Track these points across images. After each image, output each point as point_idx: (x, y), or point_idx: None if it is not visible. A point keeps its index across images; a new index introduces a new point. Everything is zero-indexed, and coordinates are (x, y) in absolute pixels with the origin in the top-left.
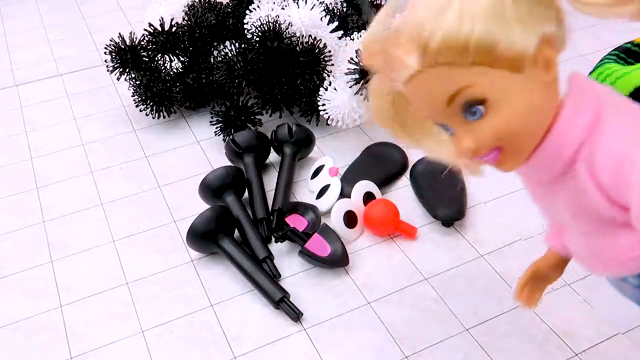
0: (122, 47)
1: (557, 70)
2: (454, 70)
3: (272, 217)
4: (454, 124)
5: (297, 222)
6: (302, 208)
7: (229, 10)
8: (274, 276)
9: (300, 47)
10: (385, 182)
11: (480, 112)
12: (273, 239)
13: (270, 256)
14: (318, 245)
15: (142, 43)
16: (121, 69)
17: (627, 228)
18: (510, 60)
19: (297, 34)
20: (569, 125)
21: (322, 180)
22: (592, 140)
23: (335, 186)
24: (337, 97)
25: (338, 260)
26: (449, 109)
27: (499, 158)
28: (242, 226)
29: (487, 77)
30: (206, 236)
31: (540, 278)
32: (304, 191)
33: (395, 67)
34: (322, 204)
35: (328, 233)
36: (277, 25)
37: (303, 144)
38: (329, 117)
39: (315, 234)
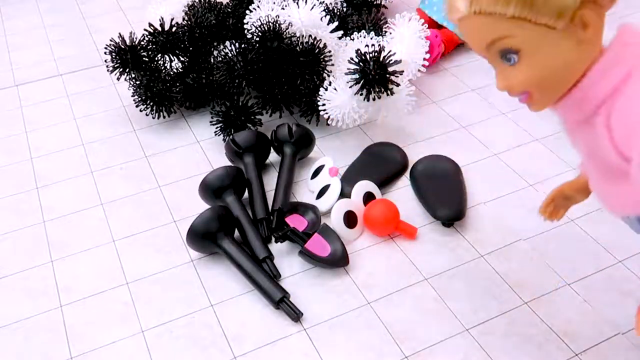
0: (122, 47)
1: (599, 29)
2: (496, 21)
3: (272, 217)
4: (493, 64)
5: (297, 222)
6: (302, 208)
7: (229, 10)
8: (274, 276)
9: (300, 47)
10: (385, 182)
11: (514, 59)
12: (273, 239)
13: (270, 256)
14: (318, 245)
15: (142, 43)
16: (121, 69)
17: (629, 178)
18: (548, 15)
19: (297, 34)
20: (597, 80)
21: (322, 180)
22: (615, 98)
23: (335, 186)
24: (337, 97)
25: (338, 260)
26: (488, 52)
27: (528, 100)
28: (242, 226)
29: (524, 30)
30: (206, 236)
31: (565, 197)
32: (304, 191)
33: (450, 8)
34: (322, 204)
35: (328, 233)
36: (277, 25)
37: (303, 144)
38: (329, 117)
39: (315, 234)
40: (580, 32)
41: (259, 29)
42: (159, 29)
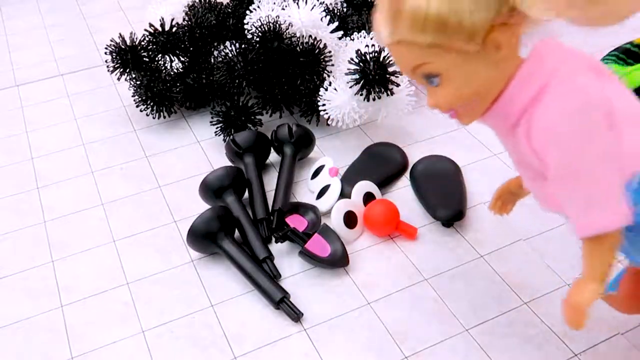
0: (123, 47)
1: (514, 47)
2: (415, 49)
3: (272, 218)
4: (422, 84)
5: (297, 222)
6: (302, 208)
7: (229, 10)
8: (274, 276)
9: (301, 47)
10: (385, 182)
11: (437, 82)
12: (273, 239)
13: (270, 256)
14: (318, 245)
15: (143, 43)
16: (121, 69)
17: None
18: (460, 41)
19: (297, 34)
20: (516, 93)
21: (322, 181)
22: (532, 109)
23: (336, 186)
24: (337, 97)
25: (338, 261)
26: (414, 75)
27: (457, 116)
28: (242, 226)
29: (441, 57)
30: (206, 236)
31: (511, 193)
32: (304, 191)
33: (377, 36)
34: (322, 204)
35: (328, 233)
36: (277, 25)
37: (303, 144)
38: (329, 117)
39: (316, 234)
40: (494, 54)
41: (259, 29)
42: (160, 29)
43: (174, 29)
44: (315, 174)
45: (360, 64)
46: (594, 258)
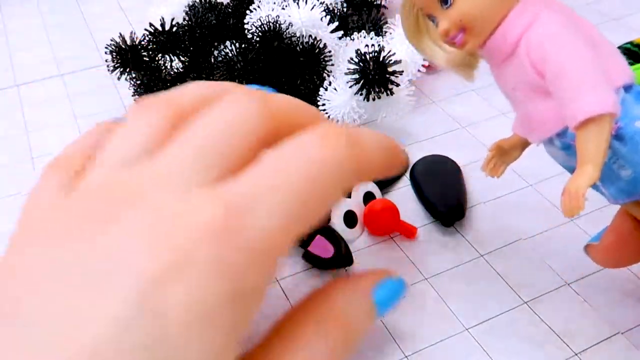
0: (123, 46)
1: None
2: None
3: None
4: (436, 12)
5: (321, 247)
6: (325, 232)
7: (230, 10)
8: None
9: (301, 47)
10: (385, 182)
11: (450, 1)
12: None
13: None
14: (321, 247)
15: (143, 43)
16: (122, 69)
17: (548, 94)
18: None
19: (297, 34)
20: (514, 21)
21: None
22: (529, 30)
23: None
24: (337, 97)
25: (342, 261)
26: (431, 1)
27: (464, 39)
28: None
29: None
30: None
31: (503, 153)
32: None
33: None
34: None
35: (329, 234)
36: (277, 25)
37: None
38: (329, 117)
39: (318, 236)
40: None
41: (259, 29)
42: (160, 28)
43: (174, 29)
44: None
45: (360, 63)
46: (588, 142)
